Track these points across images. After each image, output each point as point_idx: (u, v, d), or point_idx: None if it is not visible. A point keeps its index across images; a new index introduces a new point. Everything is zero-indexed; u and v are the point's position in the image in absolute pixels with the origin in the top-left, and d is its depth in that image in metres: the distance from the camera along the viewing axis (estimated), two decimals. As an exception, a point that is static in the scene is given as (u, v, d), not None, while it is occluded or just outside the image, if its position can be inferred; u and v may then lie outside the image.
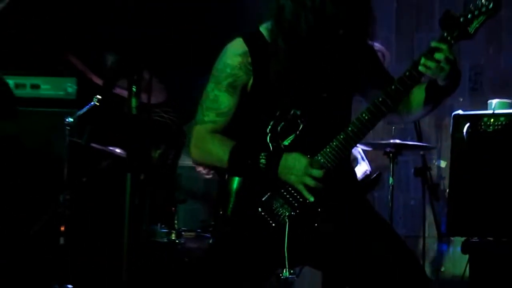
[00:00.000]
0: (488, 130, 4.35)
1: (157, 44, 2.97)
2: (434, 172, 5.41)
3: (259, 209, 2.93)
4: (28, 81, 5.64)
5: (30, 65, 5.63)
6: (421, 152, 5.20)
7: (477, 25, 2.80)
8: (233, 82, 3.01)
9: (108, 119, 4.49)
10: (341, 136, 2.88)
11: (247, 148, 2.98)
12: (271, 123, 2.98)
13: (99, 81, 4.91)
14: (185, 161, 5.00)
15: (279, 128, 2.98)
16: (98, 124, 4.18)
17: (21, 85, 5.53)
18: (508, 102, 4.60)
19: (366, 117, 2.84)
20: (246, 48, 2.99)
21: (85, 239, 4.90)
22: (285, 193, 2.95)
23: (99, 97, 4.53)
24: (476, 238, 4.35)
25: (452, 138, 4.47)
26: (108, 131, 4.74)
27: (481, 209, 4.31)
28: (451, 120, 4.46)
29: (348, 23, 2.88)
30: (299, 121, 2.98)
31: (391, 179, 4.72)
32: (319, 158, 2.90)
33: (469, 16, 2.79)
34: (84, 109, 4.68)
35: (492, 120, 4.36)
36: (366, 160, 4.59)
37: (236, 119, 3.07)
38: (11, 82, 4.88)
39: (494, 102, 4.57)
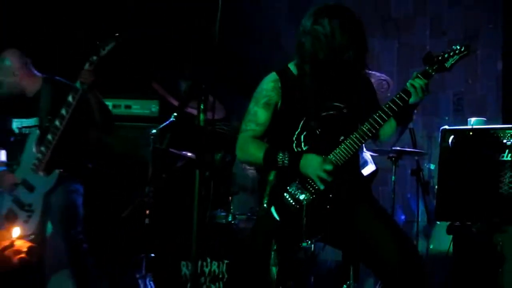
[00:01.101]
0: (467, 140, 4.34)
1: (218, 75, 3.05)
2: (425, 172, 5.39)
3: (285, 195, 3.04)
4: (123, 102, 5.73)
5: (124, 91, 5.76)
6: (416, 157, 5.17)
7: (453, 62, 2.98)
8: (267, 101, 3.15)
9: (182, 130, 4.53)
10: (348, 141, 3.00)
11: (277, 150, 3.06)
12: (296, 133, 3.09)
13: (175, 103, 5.02)
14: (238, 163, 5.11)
15: (302, 137, 3.09)
16: (175, 134, 4.25)
17: (117, 105, 5.61)
18: (483, 120, 4.61)
19: (366, 127, 2.97)
20: (277, 77, 3.16)
21: (164, 220, 4.94)
22: (304, 183, 3.03)
23: (176, 114, 4.67)
24: (458, 222, 4.32)
25: (440, 146, 4.44)
26: (182, 139, 4.74)
27: (462, 200, 4.28)
28: (439, 133, 4.45)
29: (351, 48, 2.99)
30: (316, 131, 3.07)
31: (393, 177, 4.72)
32: (331, 157, 2.99)
33: (445, 55, 2.98)
34: (165, 124, 4.78)
35: (470, 133, 4.36)
36: (373, 163, 4.57)
37: (270, 130, 3.17)
38: (110, 103, 4.93)
39: (473, 120, 4.57)
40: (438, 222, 4.87)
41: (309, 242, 3.08)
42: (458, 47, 3.00)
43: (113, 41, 3.92)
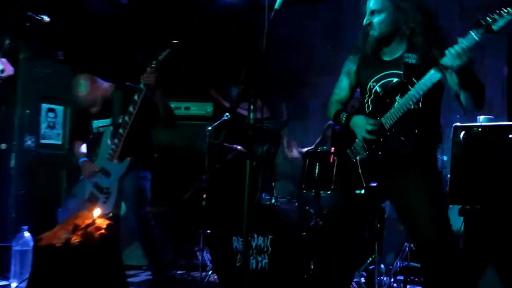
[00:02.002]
0: (476, 135, 4.27)
1: (265, 82, 3.06)
2: (439, 163, 5.33)
3: (348, 151, 3.01)
4: (183, 104, 5.82)
5: (184, 95, 5.81)
6: None
7: (502, 24, 2.53)
8: (348, 70, 3.14)
9: (234, 127, 4.56)
10: (397, 104, 2.83)
11: (341, 111, 3.06)
12: (366, 96, 3.02)
13: (227, 104, 5.05)
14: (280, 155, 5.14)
15: (370, 101, 2.99)
16: (228, 131, 4.27)
17: (178, 107, 5.68)
18: (490, 118, 4.53)
19: (412, 92, 2.78)
20: (356, 53, 3.11)
21: (218, 202, 4.92)
22: (359, 141, 2.95)
23: (228, 114, 4.72)
24: (468, 206, 4.23)
25: (452, 141, 4.33)
26: (234, 135, 4.78)
27: (472, 186, 4.19)
28: (452, 129, 4.35)
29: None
30: (379, 95, 2.94)
31: None
32: (383, 119, 2.86)
33: (495, 16, 2.54)
34: (218, 122, 4.84)
35: (479, 129, 4.31)
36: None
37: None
38: (172, 105, 4.93)
39: (481, 117, 4.50)
40: (450, 206, 4.80)
41: (363, 190, 2.95)
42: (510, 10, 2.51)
43: (170, 48, 3.96)
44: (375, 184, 2.95)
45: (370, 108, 3.00)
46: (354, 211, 3.04)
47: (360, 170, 2.95)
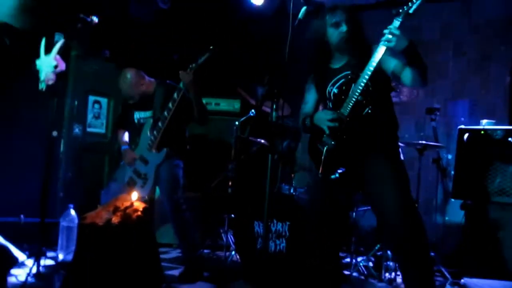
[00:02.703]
0: (479, 137, 4.24)
1: (287, 83, 3.05)
2: (444, 161, 5.26)
3: (318, 145, 2.96)
4: (213, 101, 5.81)
5: (215, 92, 5.80)
6: (437, 149, 5.07)
7: (415, 7, 2.67)
8: (308, 87, 3.20)
9: (259, 123, 4.54)
10: (350, 94, 2.84)
11: (305, 117, 3.08)
12: (326, 100, 3.04)
13: (253, 102, 5.04)
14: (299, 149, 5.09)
15: (329, 103, 3.02)
16: (253, 126, 4.26)
17: (209, 103, 5.69)
18: (492, 122, 4.44)
19: (360, 79, 2.80)
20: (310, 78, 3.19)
21: (242, 190, 4.93)
22: (326, 133, 2.91)
23: (254, 111, 4.70)
24: (469, 201, 4.23)
25: (457, 141, 4.32)
26: (258, 130, 4.75)
27: (473, 183, 4.19)
28: (457, 131, 4.35)
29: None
30: (333, 94, 2.97)
31: (418, 164, 4.61)
32: (342, 109, 2.86)
33: (410, 4, 2.68)
34: (244, 118, 4.83)
35: (482, 132, 4.25)
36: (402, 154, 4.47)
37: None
38: (204, 100, 4.98)
39: (484, 121, 4.41)
40: (453, 200, 4.75)
41: (336, 174, 2.88)
42: None
43: (208, 53, 3.95)
44: (343, 170, 2.88)
45: (331, 107, 3.01)
46: (328, 197, 2.98)
47: (329, 158, 2.90)
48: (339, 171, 2.87)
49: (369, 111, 2.89)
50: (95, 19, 4.05)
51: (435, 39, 5.91)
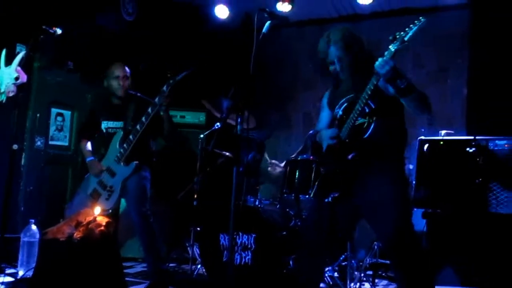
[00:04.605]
0: (439, 147, 4.29)
1: (252, 96, 3.03)
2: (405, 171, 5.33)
3: (317, 165, 3.04)
4: (179, 113, 5.76)
5: (180, 105, 5.70)
6: None
7: (411, 34, 2.63)
8: (322, 104, 3.22)
9: (224, 136, 4.50)
10: (349, 118, 2.85)
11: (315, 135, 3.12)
12: (335, 120, 3.05)
13: (218, 115, 5.00)
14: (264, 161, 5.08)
15: (336, 122, 3.03)
16: (218, 138, 4.22)
17: (174, 116, 5.55)
18: (450, 132, 4.52)
19: (357, 106, 2.79)
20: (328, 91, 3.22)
21: (208, 202, 4.84)
22: (325, 151, 2.96)
23: (219, 124, 4.66)
24: (430, 209, 4.25)
25: (418, 152, 4.37)
26: (223, 142, 4.70)
27: (434, 192, 4.23)
28: (417, 142, 4.39)
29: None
30: (339, 116, 2.99)
31: None
32: (340, 133, 2.88)
33: (406, 29, 2.65)
34: (210, 130, 4.81)
35: (441, 142, 4.31)
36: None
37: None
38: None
39: (443, 132, 4.50)
40: (415, 209, 4.80)
41: (330, 198, 2.88)
42: (416, 22, 2.65)
43: (185, 71, 3.91)
44: (336, 195, 2.88)
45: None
46: (323, 217, 2.96)
47: (325, 180, 2.92)
48: (332, 195, 2.87)
49: (371, 133, 2.84)
50: (59, 30, 3.98)
51: (399, 52, 6.02)
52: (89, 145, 4.34)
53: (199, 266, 4.59)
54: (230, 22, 6.40)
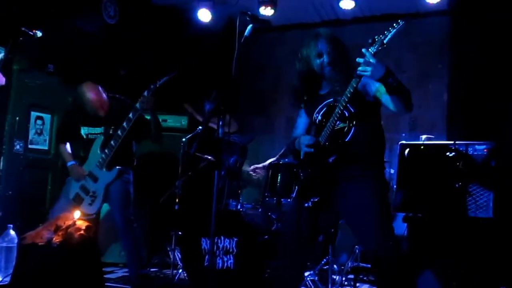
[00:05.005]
0: (419, 152, 4.32)
1: (233, 100, 3.02)
2: (386, 176, 5.34)
3: (297, 170, 2.97)
4: (161, 117, 5.59)
5: (162, 108, 5.67)
6: None
7: (390, 37, 2.62)
8: (300, 112, 3.19)
9: (206, 139, 4.49)
10: (328, 123, 2.83)
11: (293, 141, 3.08)
12: (313, 125, 3.05)
13: (200, 118, 4.99)
14: (246, 165, 5.07)
15: (313, 127, 3.03)
16: (200, 142, 4.21)
17: None
18: (431, 137, 4.57)
19: (336, 109, 2.78)
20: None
21: (190, 206, 4.79)
22: (303, 157, 2.95)
23: (201, 127, 4.64)
24: (411, 213, 4.28)
25: (399, 156, 4.39)
26: (205, 146, 4.69)
27: (414, 197, 4.26)
28: (398, 146, 4.42)
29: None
30: (317, 121, 2.97)
31: None
32: (319, 138, 2.86)
33: (385, 33, 2.64)
34: (192, 134, 4.78)
35: (421, 147, 4.34)
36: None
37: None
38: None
39: (423, 136, 4.53)
40: (396, 213, 4.83)
41: (310, 202, 2.85)
42: (394, 25, 2.64)
43: (168, 75, 3.90)
44: (316, 199, 2.86)
45: (314, 134, 3.00)
46: (303, 222, 2.92)
47: (305, 185, 2.90)
48: (312, 199, 2.85)
49: (351, 137, 2.85)
50: (39, 33, 3.93)
51: (378, 55, 6.07)
52: (69, 148, 4.28)
53: (180, 271, 4.56)
54: (213, 26, 6.40)
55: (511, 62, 4.93)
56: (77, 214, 3.33)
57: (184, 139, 4.80)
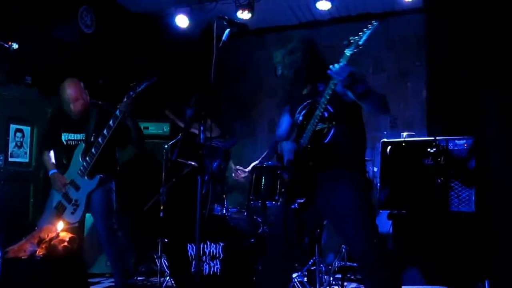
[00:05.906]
0: (401, 149, 4.34)
1: (215, 105, 3.02)
2: (369, 174, 5.36)
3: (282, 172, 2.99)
4: (142, 124, 5.56)
5: (143, 115, 5.65)
6: None
7: (365, 38, 2.64)
8: (284, 111, 3.20)
9: (188, 145, 4.49)
10: (309, 125, 2.86)
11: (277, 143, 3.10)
12: (296, 127, 3.05)
13: (182, 125, 4.96)
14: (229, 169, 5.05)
15: (296, 129, 3.04)
16: (182, 148, 4.20)
17: None
18: (412, 134, 4.60)
19: (317, 112, 2.80)
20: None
21: (174, 213, 4.78)
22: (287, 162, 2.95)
23: (182, 133, 4.62)
24: (395, 211, 4.30)
25: (381, 154, 4.42)
26: (188, 152, 4.69)
27: (398, 194, 4.28)
28: (380, 144, 4.45)
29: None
30: (300, 123, 2.98)
31: None
32: (301, 140, 2.88)
33: (360, 33, 2.66)
34: (174, 140, 4.79)
35: (403, 144, 4.37)
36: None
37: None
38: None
39: (404, 134, 4.56)
40: (380, 211, 4.86)
41: (296, 204, 2.86)
42: (369, 26, 2.65)
43: (147, 81, 3.88)
44: (302, 201, 2.87)
45: (297, 134, 3.02)
46: (289, 223, 2.92)
47: (290, 187, 2.91)
48: (298, 201, 2.86)
49: (332, 137, 2.85)
50: (15, 45, 3.89)
51: (354, 56, 6.12)
52: (52, 157, 4.23)
53: (167, 278, 4.53)
54: (191, 32, 6.39)
55: (485, 57, 4.98)
56: (60, 225, 3.29)
57: (166, 146, 4.78)
